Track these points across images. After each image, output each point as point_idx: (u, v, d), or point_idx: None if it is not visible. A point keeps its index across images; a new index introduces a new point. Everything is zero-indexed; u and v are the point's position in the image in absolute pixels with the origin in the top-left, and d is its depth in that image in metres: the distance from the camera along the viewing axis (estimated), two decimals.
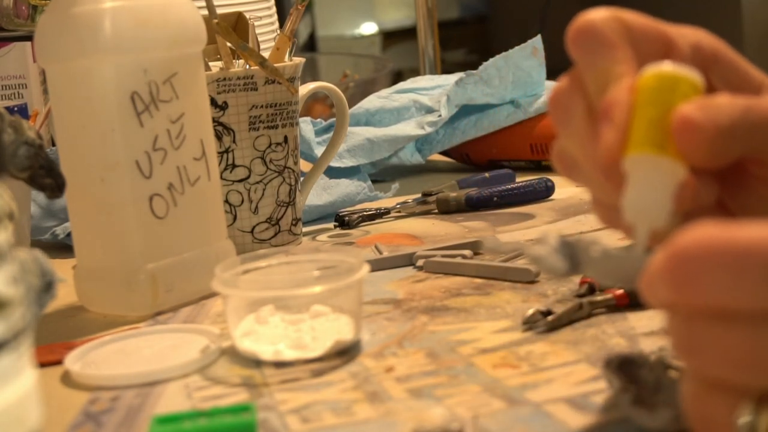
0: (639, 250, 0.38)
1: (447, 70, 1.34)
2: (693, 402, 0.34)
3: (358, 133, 1.00)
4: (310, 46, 3.01)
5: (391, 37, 3.15)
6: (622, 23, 0.42)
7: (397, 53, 3.00)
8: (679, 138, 0.37)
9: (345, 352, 0.54)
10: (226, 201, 0.76)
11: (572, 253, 0.39)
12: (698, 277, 0.31)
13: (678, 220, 0.39)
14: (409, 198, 0.89)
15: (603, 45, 0.41)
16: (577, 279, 0.61)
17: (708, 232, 0.31)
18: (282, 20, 0.92)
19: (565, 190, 0.91)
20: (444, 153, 1.08)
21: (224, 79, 0.74)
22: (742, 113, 0.38)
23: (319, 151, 0.96)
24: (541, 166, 1.01)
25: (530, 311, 0.55)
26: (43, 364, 0.56)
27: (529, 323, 0.55)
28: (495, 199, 0.87)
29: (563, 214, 0.82)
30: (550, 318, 0.55)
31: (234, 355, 0.55)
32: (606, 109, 0.39)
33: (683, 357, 0.32)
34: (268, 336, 0.54)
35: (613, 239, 0.69)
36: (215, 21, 0.74)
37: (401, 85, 1.14)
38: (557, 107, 0.43)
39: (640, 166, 0.38)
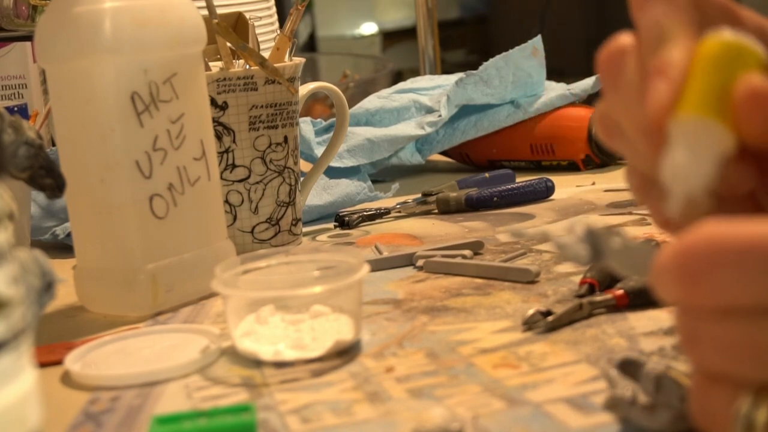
0: (672, 212, 0.37)
1: (447, 70, 1.34)
2: (695, 394, 0.34)
3: (358, 133, 1.00)
4: (310, 46, 3.01)
5: (391, 37, 3.15)
6: None
7: (397, 53, 3.00)
8: (743, 107, 0.35)
9: (345, 352, 0.54)
10: (226, 201, 0.76)
11: (595, 242, 0.39)
12: (703, 275, 0.31)
13: (712, 201, 0.37)
14: (409, 198, 0.89)
15: (667, 3, 0.39)
16: (577, 279, 0.61)
17: (713, 228, 0.32)
18: (282, 20, 0.92)
19: (565, 190, 0.91)
20: (444, 153, 1.08)
21: (224, 79, 0.74)
22: None
23: (319, 151, 0.96)
24: (541, 166, 1.01)
25: (530, 312, 0.55)
26: (43, 364, 0.56)
27: (529, 324, 0.55)
28: (495, 199, 0.87)
29: (563, 214, 0.82)
30: (550, 318, 0.55)
31: (234, 355, 0.55)
32: (661, 66, 0.37)
33: (686, 350, 0.33)
34: (268, 336, 0.54)
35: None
36: (215, 21, 0.74)
37: (401, 85, 1.13)
38: (608, 65, 0.40)
39: (688, 128, 0.37)
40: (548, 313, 0.55)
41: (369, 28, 3.23)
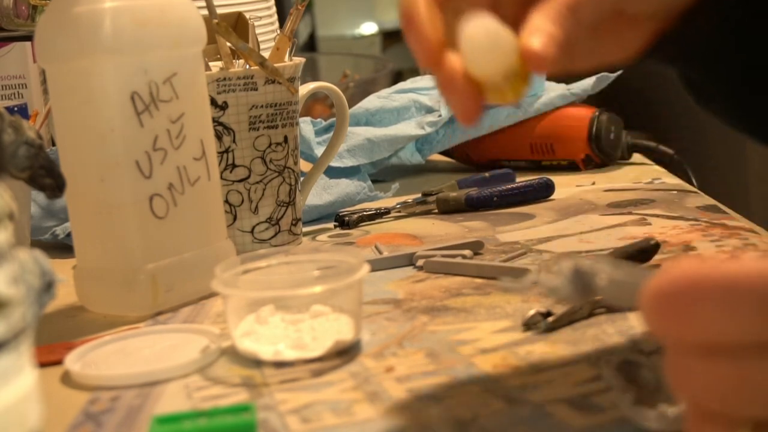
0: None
1: None
2: (690, 430, 0.33)
3: (358, 133, 1.00)
4: (310, 46, 3.01)
5: (391, 37, 3.15)
6: None
7: (397, 53, 3.00)
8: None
9: (345, 352, 0.54)
10: (226, 201, 0.76)
11: (583, 281, 0.39)
12: (687, 313, 0.31)
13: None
14: (409, 198, 0.89)
15: None
16: None
17: (694, 266, 0.31)
18: (282, 20, 0.92)
19: (565, 190, 0.91)
20: (444, 153, 1.08)
21: (224, 79, 0.74)
22: None
23: (319, 151, 0.96)
24: (541, 166, 1.01)
25: (530, 312, 0.55)
26: (43, 364, 0.56)
27: (529, 324, 0.55)
28: (495, 199, 0.87)
29: (563, 214, 0.82)
30: (550, 319, 0.55)
31: (234, 355, 0.55)
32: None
33: (676, 387, 0.32)
34: (268, 336, 0.54)
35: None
36: (215, 21, 0.74)
37: (401, 85, 1.13)
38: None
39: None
40: (548, 314, 0.55)
41: (369, 28, 3.23)
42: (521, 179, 0.91)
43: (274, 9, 1.19)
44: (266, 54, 0.76)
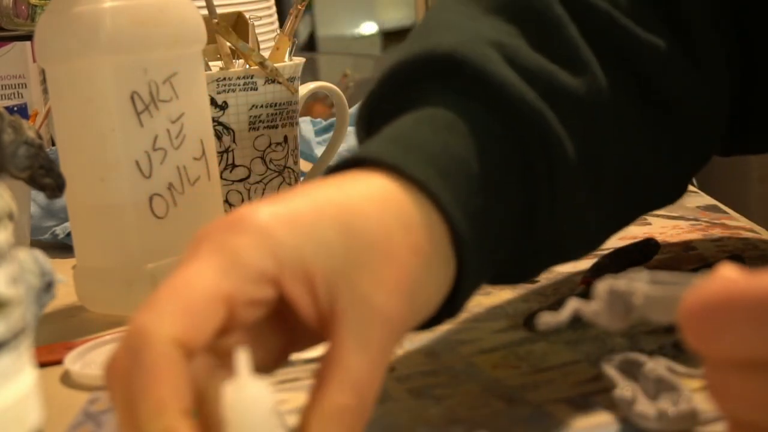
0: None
1: None
2: None
3: None
4: (310, 46, 3.00)
5: (391, 37, 3.15)
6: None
7: None
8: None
9: None
10: (226, 201, 0.76)
11: (622, 302, 0.39)
12: (719, 330, 0.31)
13: None
14: None
15: None
16: (577, 279, 0.61)
17: (726, 283, 0.31)
18: (282, 20, 0.92)
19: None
20: None
21: (224, 78, 0.74)
22: None
23: (319, 151, 0.96)
24: None
25: (531, 313, 0.55)
26: (42, 364, 0.55)
27: (530, 324, 0.55)
28: None
29: None
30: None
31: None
32: None
33: (714, 399, 0.33)
34: None
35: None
36: (215, 21, 0.74)
37: None
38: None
39: None
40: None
41: (369, 28, 3.22)
42: None
43: (274, 9, 1.19)
44: (266, 54, 0.76)
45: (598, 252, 0.68)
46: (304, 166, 0.88)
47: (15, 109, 1.01)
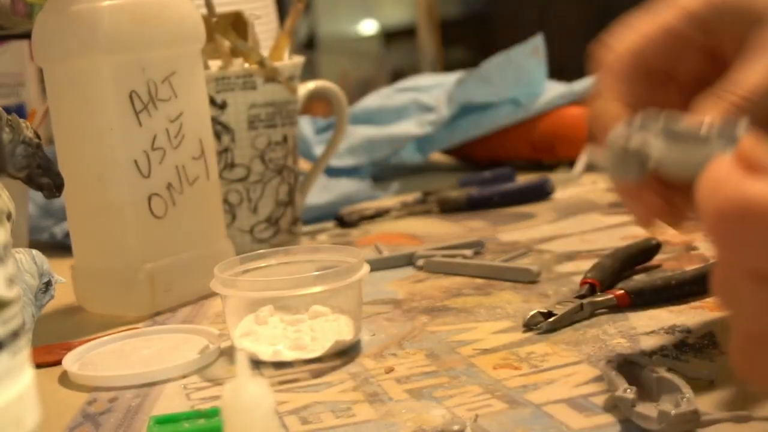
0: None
1: (449, 67, 1.34)
2: (739, 356, 0.33)
3: (358, 132, 0.99)
4: (309, 44, 3.00)
5: (391, 36, 3.15)
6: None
7: (398, 52, 3.00)
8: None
9: (345, 353, 0.54)
10: (225, 200, 0.75)
11: (637, 158, 0.39)
12: (740, 238, 0.31)
13: None
14: (410, 197, 0.89)
15: None
16: (577, 279, 0.61)
17: (744, 192, 0.31)
18: (281, 19, 0.92)
19: (565, 190, 0.90)
20: (445, 152, 1.08)
21: (223, 78, 0.74)
22: None
23: (318, 150, 0.96)
24: (542, 165, 1.01)
25: (531, 313, 0.55)
26: (41, 365, 0.55)
27: (530, 325, 0.55)
28: (495, 198, 0.87)
29: (563, 214, 0.82)
30: (551, 320, 0.54)
31: (233, 355, 0.55)
32: None
33: (723, 308, 0.32)
34: (268, 336, 0.54)
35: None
36: (214, 19, 0.74)
37: (401, 83, 1.13)
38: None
39: None
40: (549, 314, 0.55)
41: (369, 27, 3.22)
42: (522, 178, 0.91)
43: (273, 7, 1.19)
44: (265, 53, 0.76)
45: (599, 252, 0.68)
46: (304, 165, 0.88)
47: (13, 108, 1.01)
